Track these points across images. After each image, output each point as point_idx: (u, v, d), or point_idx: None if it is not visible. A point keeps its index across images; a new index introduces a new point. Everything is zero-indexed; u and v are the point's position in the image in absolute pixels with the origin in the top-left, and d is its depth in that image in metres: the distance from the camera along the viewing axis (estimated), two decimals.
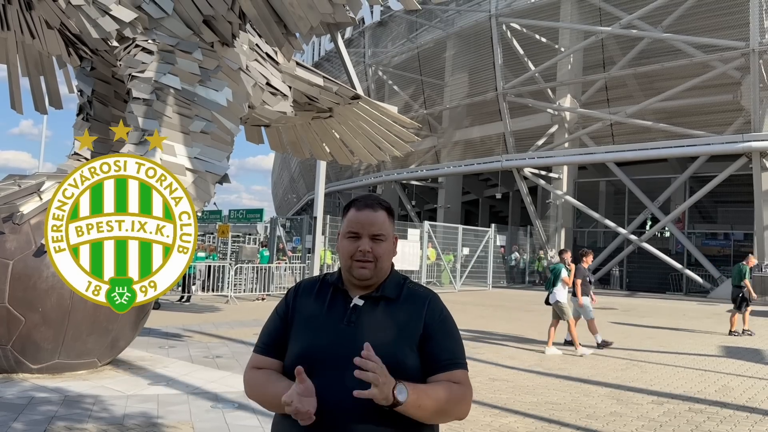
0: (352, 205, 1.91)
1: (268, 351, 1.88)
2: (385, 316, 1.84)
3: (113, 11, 6.73)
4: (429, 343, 1.81)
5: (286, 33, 7.06)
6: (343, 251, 1.88)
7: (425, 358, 1.80)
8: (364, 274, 1.85)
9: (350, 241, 1.87)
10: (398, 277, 1.95)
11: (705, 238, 28.39)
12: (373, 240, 1.86)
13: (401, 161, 30.19)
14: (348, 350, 1.71)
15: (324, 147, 10.86)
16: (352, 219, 1.88)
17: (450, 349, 1.83)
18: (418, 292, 1.92)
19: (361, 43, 35.91)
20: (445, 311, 1.90)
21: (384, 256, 1.87)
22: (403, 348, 1.78)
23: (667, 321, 15.04)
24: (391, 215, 1.94)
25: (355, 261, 1.85)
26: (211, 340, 9.78)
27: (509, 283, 27.65)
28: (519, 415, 5.94)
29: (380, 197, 2.00)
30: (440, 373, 1.78)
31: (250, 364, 1.90)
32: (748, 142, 22.04)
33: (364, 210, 1.88)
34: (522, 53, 27.96)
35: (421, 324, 1.83)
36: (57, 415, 5.07)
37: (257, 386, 1.85)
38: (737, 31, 22.24)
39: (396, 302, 1.87)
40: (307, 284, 1.97)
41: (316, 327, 1.84)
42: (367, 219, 1.86)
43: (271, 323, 1.94)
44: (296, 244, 24.80)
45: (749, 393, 7.21)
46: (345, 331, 1.80)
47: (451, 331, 1.87)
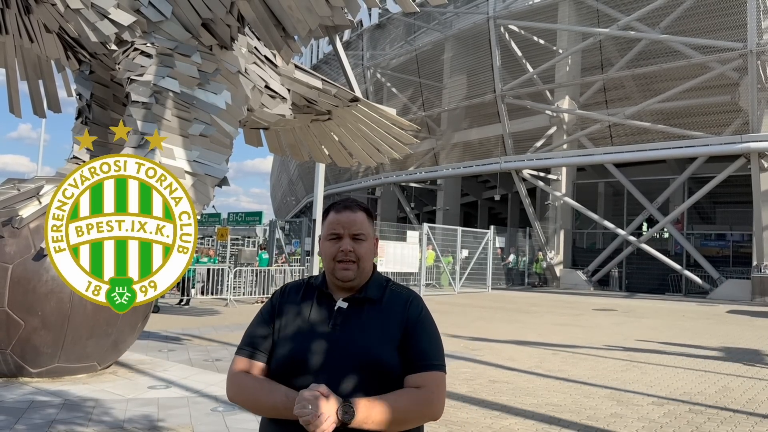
0: (331, 209, 1.94)
1: (254, 355, 1.87)
2: (369, 317, 1.85)
3: (112, 15, 6.73)
4: (408, 341, 1.82)
5: (284, 36, 7.06)
6: (325, 254, 1.90)
7: (404, 357, 1.81)
8: (347, 276, 1.87)
9: (332, 243, 1.89)
10: (381, 279, 1.96)
11: (704, 239, 28.42)
12: (354, 240, 1.88)
13: (400, 163, 30.20)
14: (333, 354, 1.75)
15: (323, 149, 10.86)
16: (332, 221, 1.90)
17: (425, 351, 1.84)
18: (400, 293, 1.94)
19: (360, 46, 35.93)
20: (425, 311, 1.91)
21: (365, 256, 1.89)
22: (387, 349, 1.80)
23: (667, 322, 15.05)
24: (370, 216, 1.96)
25: (337, 262, 1.87)
26: (211, 343, 9.78)
27: (509, 285, 27.65)
28: (520, 416, 5.94)
29: (358, 200, 2.03)
30: (413, 374, 1.79)
31: (235, 368, 1.88)
32: (746, 142, 22.07)
33: (344, 212, 1.90)
34: (520, 55, 27.99)
35: (401, 324, 1.84)
36: (57, 419, 5.06)
37: (249, 394, 1.83)
38: (735, 32, 22.28)
39: (379, 303, 1.88)
40: (293, 287, 1.98)
41: (301, 330, 1.84)
42: (347, 219, 1.89)
43: (256, 326, 1.93)
44: (295, 247, 24.79)
45: (749, 394, 7.21)
46: (330, 334, 1.81)
47: (428, 331, 1.88)
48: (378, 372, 1.77)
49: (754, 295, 22.28)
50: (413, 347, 1.82)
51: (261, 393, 1.79)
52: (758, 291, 22.29)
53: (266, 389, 1.79)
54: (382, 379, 1.77)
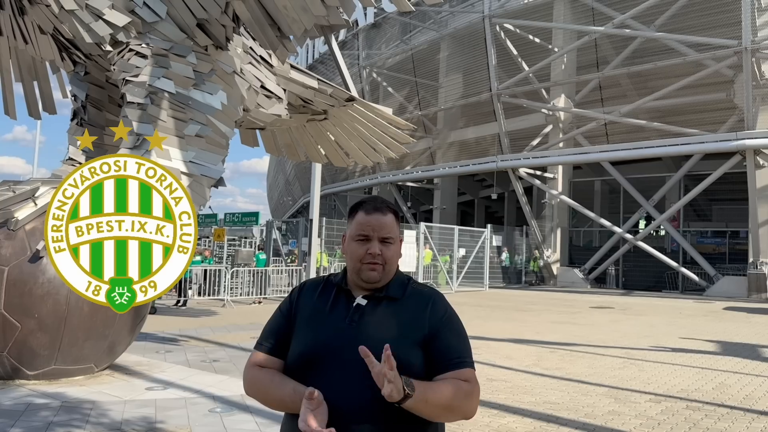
0: (360, 208, 1.89)
1: (270, 350, 1.87)
2: (388, 315, 1.83)
3: (106, 16, 6.71)
4: (435, 342, 1.80)
5: (280, 36, 7.05)
6: (352, 254, 1.87)
7: (432, 356, 1.78)
8: (373, 277, 1.85)
9: (359, 243, 1.85)
10: (402, 277, 1.94)
11: (700, 236, 28.50)
12: (382, 243, 1.85)
13: (396, 163, 30.20)
14: (350, 349, 1.70)
15: (319, 149, 10.86)
16: (362, 222, 1.86)
17: (457, 348, 1.82)
18: (422, 291, 1.92)
19: (355, 45, 35.92)
20: (450, 310, 1.90)
21: (392, 259, 1.87)
22: (406, 346, 1.76)
23: (664, 319, 15.08)
24: (398, 218, 1.93)
25: (364, 264, 1.84)
26: (208, 344, 9.75)
27: (506, 284, 27.67)
28: (518, 415, 5.95)
29: (386, 200, 1.99)
30: (448, 372, 1.77)
31: (251, 362, 1.88)
32: (741, 140, 22.15)
33: (374, 213, 1.86)
34: (516, 54, 28.02)
35: (425, 323, 1.82)
36: (55, 421, 5.05)
37: (260, 386, 1.84)
38: (729, 30, 22.33)
39: (399, 301, 1.86)
40: (312, 284, 1.97)
41: (318, 326, 1.83)
42: (378, 222, 1.85)
43: (274, 321, 1.93)
44: (292, 247, 24.78)
45: (746, 390, 7.23)
46: (347, 330, 1.80)
47: (457, 329, 1.87)
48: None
49: (751, 291, 22.36)
50: (445, 344, 1.80)
51: (271, 386, 1.80)
52: (754, 288, 22.37)
53: (276, 382, 1.79)
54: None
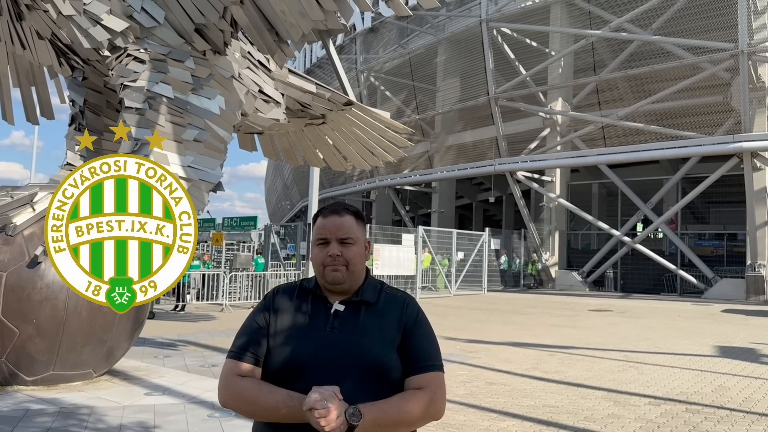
0: (319, 214, 1.94)
1: (248, 358, 1.84)
2: (367, 320, 1.85)
3: (104, 21, 6.72)
4: (406, 345, 1.84)
5: (278, 40, 7.06)
6: (314, 259, 1.91)
7: (403, 360, 1.82)
8: (336, 277, 1.86)
9: (320, 248, 1.89)
10: (375, 282, 1.97)
11: (698, 239, 28.51)
12: (341, 244, 1.88)
13: (394, 166, 30.19)
14: (333, 356, 1.75)
15: (317, 153, 10.86)
16: (319, 226, 1.91)
17: (425, 351, 1.86)
18: (396, 295, 1.95)
19: (353, 50, 35.96)
20: (421, 313, 1.93)
21: (355, 259, 1.88)
22: (387, 351, 1.81)
23: (663, 322, 15.08)
24: (360, 219, 1.95)
25: (326, 267, 1.87)
26: (207, 349, 9.74)
27: (504, 287, 27.67)
28: (517, 418, 5.94)
29: (347, 203, 2.02)
30: (415, 375, 1.81)
31: (233, 372, 1.83)
32: (739, 142, 22.18)
33: (330, 216, 1.91)
34: (513, 57, 28.06)
35: (400, 327, 1.85)
36: (53, 427, 5.04)
37: (248, 396, 1.78)
38: (726, 33, 22.40)
39: (375, 306, 1.88)
40: (285, 290, 1.96)
41: (300, 334, 1.83)
42: (333, 224, 1.89)
43: (250, 330, 1.88)
44: (290, 251, 24.75)
45: (746, 393, 7.23)
46: (329, 337, 1.81)
47: (426, 332, 1.90)
48: (379, 374, 1.77)
49: (749, 294, 22.38)
50: (413, 349, 1.84)
51: (260, 395, 1.76)
52: (752, 290, 22.39)
53: (265, 391, 1.77)
54: (382, 381, 1.77)
